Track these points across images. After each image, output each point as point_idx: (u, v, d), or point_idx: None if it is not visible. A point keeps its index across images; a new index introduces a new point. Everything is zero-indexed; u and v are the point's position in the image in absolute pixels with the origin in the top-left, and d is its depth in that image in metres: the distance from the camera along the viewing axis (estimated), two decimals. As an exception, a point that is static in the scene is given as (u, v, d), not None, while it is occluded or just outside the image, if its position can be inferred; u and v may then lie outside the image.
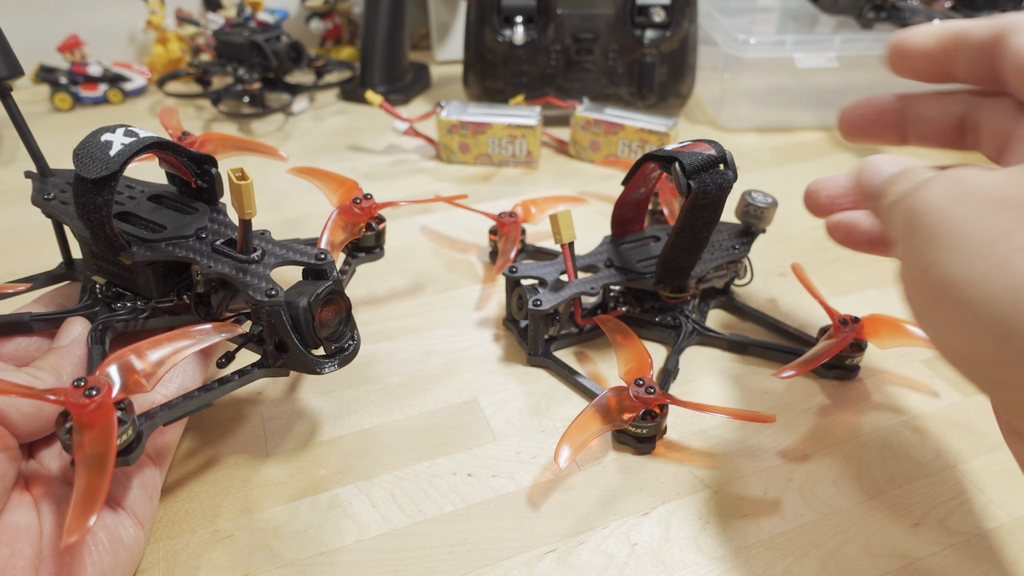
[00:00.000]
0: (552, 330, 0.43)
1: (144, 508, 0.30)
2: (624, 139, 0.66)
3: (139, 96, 0.83)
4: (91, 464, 0.25)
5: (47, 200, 0.36)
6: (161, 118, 0.51)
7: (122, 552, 0.28)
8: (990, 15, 0.73)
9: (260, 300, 0.31)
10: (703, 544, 0.33)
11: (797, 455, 0.37)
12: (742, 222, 0.46)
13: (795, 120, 0.76)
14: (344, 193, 0.44)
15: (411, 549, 0.32)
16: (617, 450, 0.37)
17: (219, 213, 0.35)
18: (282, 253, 0.33)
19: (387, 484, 0.35)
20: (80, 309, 0.35)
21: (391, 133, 0.73)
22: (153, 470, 0.32)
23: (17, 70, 0.35)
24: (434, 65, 0.93)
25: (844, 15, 0.77)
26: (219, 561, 0.32)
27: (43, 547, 0.27)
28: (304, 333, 0.31)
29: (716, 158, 0.37)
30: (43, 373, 0.30)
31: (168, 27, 0.86)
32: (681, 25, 0.70)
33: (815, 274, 0.51)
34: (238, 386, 0.32)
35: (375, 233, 0.43)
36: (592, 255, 0.44)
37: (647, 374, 0.36)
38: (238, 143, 0.50)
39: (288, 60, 0.75)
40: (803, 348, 0.42)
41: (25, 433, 0.29)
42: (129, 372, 0.27)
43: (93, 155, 0.30)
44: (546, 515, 0.34)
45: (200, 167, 0.35)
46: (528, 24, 0.71)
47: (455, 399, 0.41)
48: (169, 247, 0.33)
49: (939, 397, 0.41)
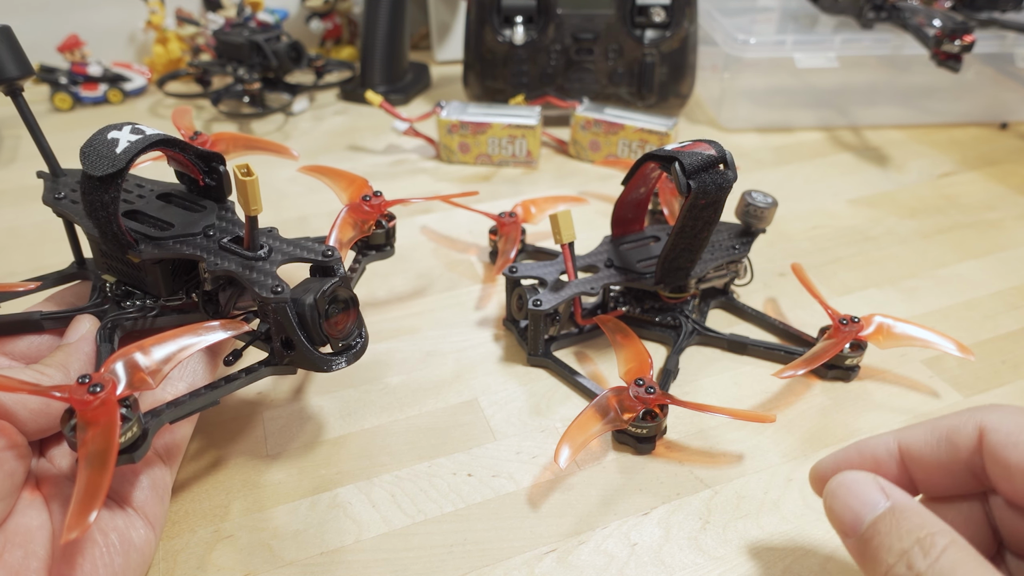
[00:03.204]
0: (552, 330, 0.43)
1: (155, 508, 0.30)
2: (624, 139, 0.66)
3: (139, 96, 0.83)
4: (93, 461, 0.25)
5: (58, 199, 0.36)
6: (174, 118, 0.51)
7: (133, 554, 0.28)
8: (990, 15, 0.72)
9: (266, 297, 0.31)
10: (703, 544, 0.33)
11: (797, 455, 0.37)
12: (742, 222, 0.46)
13: (795, 120, 0.76)
14: (354, 191, 0.44)
15: (411, 549, 0.32)
16: (617, 450, 0.37)
17: (227, 211, 0.35)
18: (289, 250, 0.33)
19: (387, 484, 0.35)
20: (89, 307, 0.35)
21: (391, 133, 0.73)
22: (164, 470, 0.32)
23: (28, 70, 0.35)
24: (434, 65, 0.93)
25: (844, 15, 0.77)
26: (219, 561, 0.32)
27: (56, 547, 0.27)
28: (311, 330, 0.31)
29: (716, 158, 0.37)
30: (51, 370, 0.30)
31: (168, 27, 0.86)
32: (681, 25, 0.70)
33: (815, 274, 0.51)
34: (245, 384, 0.32)
35: (385, 231, 0.43)
36: (592, 255, 0.44)
37: (647, 374, 0.36)
38: (250, 142, 0.50)
39: (288, 60, 0.75)
40: (803, 348, 0.42)
41: (33, 430, 0.29)
42: (134, 369, 0.27)
43: (100, 152, 0.30)
44: (546, 515, 0.34)
45: (208, 165, 0.35)
46: (528, 24, 0.71)
47: (455, 399, 0.41)
48: (176, 245, 0.33)
49: (939, 397, 0.41)
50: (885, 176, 0.66)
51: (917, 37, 0.66)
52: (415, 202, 0.48)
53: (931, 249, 0.55)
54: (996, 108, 0.76)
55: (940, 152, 0.71)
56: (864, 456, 0.27)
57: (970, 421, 0.25)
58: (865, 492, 0.24)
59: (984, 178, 0.66)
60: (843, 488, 0.25)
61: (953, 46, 0.63)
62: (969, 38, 0.62)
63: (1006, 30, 0.71)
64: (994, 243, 0.56)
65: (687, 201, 0.37)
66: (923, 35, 0.65)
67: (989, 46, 0.71)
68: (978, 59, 0.73)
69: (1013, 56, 0.73)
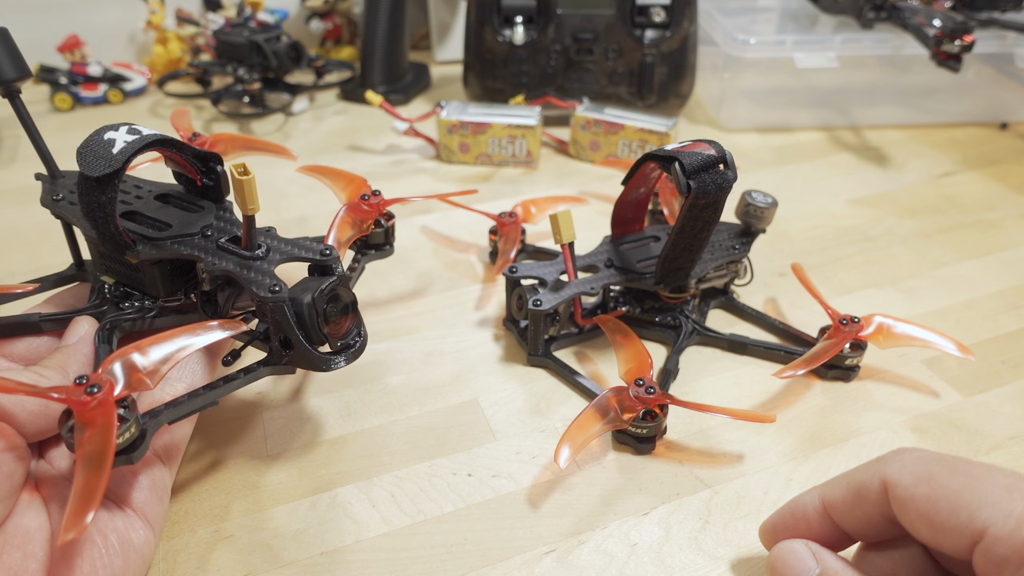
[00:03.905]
0: (552, 330, 0.43)
1: (154, 509, 0.30)
2: (624, 139, 0.66)
3: (139, 96, 0.83)
4: (90, 461, 0.25)
5: (56, 201, 0.36)
6: (172, 120, 0.51)
7: (132, 554, 0.28)
8: (990, 15, 0.72)
9: (264, 296, 0.30)
10: (703, 544, 0.33)
11: (797, 455, 0.37)
12: (742, 222, 0.46)
13: (795, 120, 0.76)
14: (353, 190, 0.44)
15: (411, 549, 0.32)
16: (617, 450, 0.37)
17: (225, 211, 0.35)
18: (287, 250, 0.33)
19: (387, 484, 0.35)
20: (88, 309, 0.35)
21: (391, 133, 0.73)
22: (163, 470, 0.32)
23: (25, 72, 0.35)
24: (434, 65, 0.93)
25: (844, 15, 0.77)
26: (219, 561, 0.32)
27: (54, 549, 0.27)
28: (309, 329, 0.31)
29: (716, 158, 0.37)
30: (49, 371, 0.30)
31: (168, 27, 0.86)
32: (681, 25, 0.70)
33: (815, 274, 0.51)
34: (244, 384, 0.32)
35: (384, 230, 0.43)
36: (592, 255, 0.44)
37: (647, 374, 0.36)
38: (248, 143, 0.50)
39: (288, 60, 0.75)
40: (803, 348, 0.42)
41: (32, 432, 0.28)
42: (132, 370, 0.27)
43: (96, 153, 0.30)
44: (546, 515, 0.34)
45: (205, 165, 0.35)
46: (528, 24, 0.71)
47: (455, 399, 0.41)
48: (174, 245, 0.33)
49: (939, 397, 0.41)
50: (885, 176, 0.66)
51: (917, 37, 0.66)
52: (415, 201, 0.48)
53: (931, 249, 0.55)
54: (996, 108, 0.76)
55: (940, 152, 0.71)
56: (796, 516, 0.29)
57: (876, 474, 0.26)
58: (800, 560, 0.27)
59: (984, 178, 0.66)
60: (781, 558, 0.27)
61: (953, 46, 0.63)
62: (969, 38, 0.62)
63: (1006, 30, 0.71)
64: (994, 243, 0.56)
65: (687, 201, 0.37)
66: (923, 35, 0.65)
67: (989, 46, 0.71)
68: (978, 59, 0.73)
69: (1013, 56, 0.73)
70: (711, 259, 0.44)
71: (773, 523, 0.30)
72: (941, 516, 0.23)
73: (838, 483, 0.27)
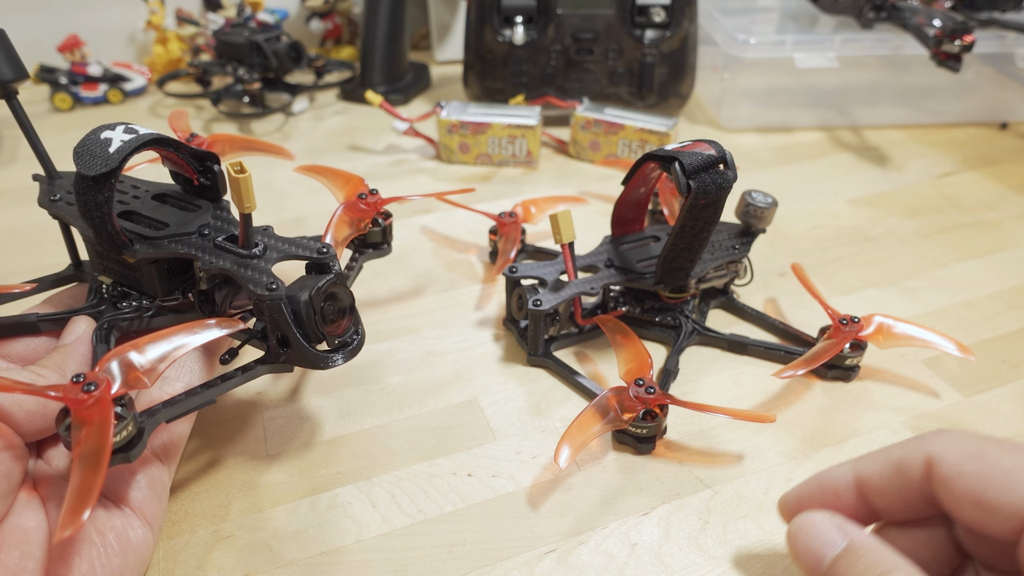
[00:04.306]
0: (552, 330, 0.43)
1: (153, 508, 0.30)
2: (624, 139, 0.66)
3: (139, 96, 0.83)
4: (87, 459, 0.25)
5: (53, 202, 0.36)
6: (170, 120, 0.51)
7: (131, 553, 0.28)
8: (990, 15, 0.72)
9: (261, 294, 0.30)
10: (703, 544, 0.33)
11: (797, 455, 0.37)
12: (742, 222, 0.46)
13: (795, 120, 0.76)
14: (350, 189, 0.44)
15: (411, 549, 0.32)
16: (617, 450, 0.37)
17: (222, 210, 0.35)
18: (284, 248, 0.33)
19: (387, 484, 0.35)
20: (86, 308, 0.35)
21: (391, 133, 0.73)
22: (161, 469, 0.32)
23: (22, 73, 0.35)
24: (434, 65, 0.93)
25: (844, 15, 0.77)
26: (219, 561, 0.32)
27: (52, 548, 0.27)
28: (306, 327, 0.31)
29: (716, 158, 0.37)
30: (46, 371, 0.30)
31: (168, 27, 0.86)
32: (681, 25, 0.70)
33: (815, 274, 0.51)
34: (242, 382, 0.32)
35: (381, 229, 0.43)
36: (592, 255, 0.44)
37: (647, 374, 0.36)
38: (246, 143, 0.50)
39: (288, 60, 0.75)
40: (803, 348, 0.42)
41: (30, 431, 0.28)
42: (129, 368, 0.27)
43: (93, 152, 0.30)
44: (546, 515, 0.34)
45: (202, 164, 0.35)
46: (528, 24, 0.71)
47: (455, 399, 0.41)
48: (171, 244, 0.33)
49: (939, 397, 0.41)
50: (885, 176, 0.66)
51: (917, 37, 0.66)
52: (413, 199, 0.48)
53: (931, 249, 0.55)
54: (996, 108, 0.76)
55: (940, 152, 0.71)
56: (824, 489, 0.28)
57: (919, 450, 0.25)
58: (824, 532, 0.25)
59: (984, 178, 0.66)
60: (803, 530, 0.26)
61: (953, 46, 0.63)
62: (969, 38, 0.62)
63: (1006, 30, 0.71)
64: (994, 243, 0.56)
65: (687, 201, 0.37)
66: (923, 35, 0.65)
67: (989, 46, 0.71)
68: (978, 59, 0.73)
69: (1013, 56, 0.73)
70: (711, 259, 0.44)
71: (798, 495, 0.28)
72: (991, 494, 0.23)
73: (876, 458, 0.27)
